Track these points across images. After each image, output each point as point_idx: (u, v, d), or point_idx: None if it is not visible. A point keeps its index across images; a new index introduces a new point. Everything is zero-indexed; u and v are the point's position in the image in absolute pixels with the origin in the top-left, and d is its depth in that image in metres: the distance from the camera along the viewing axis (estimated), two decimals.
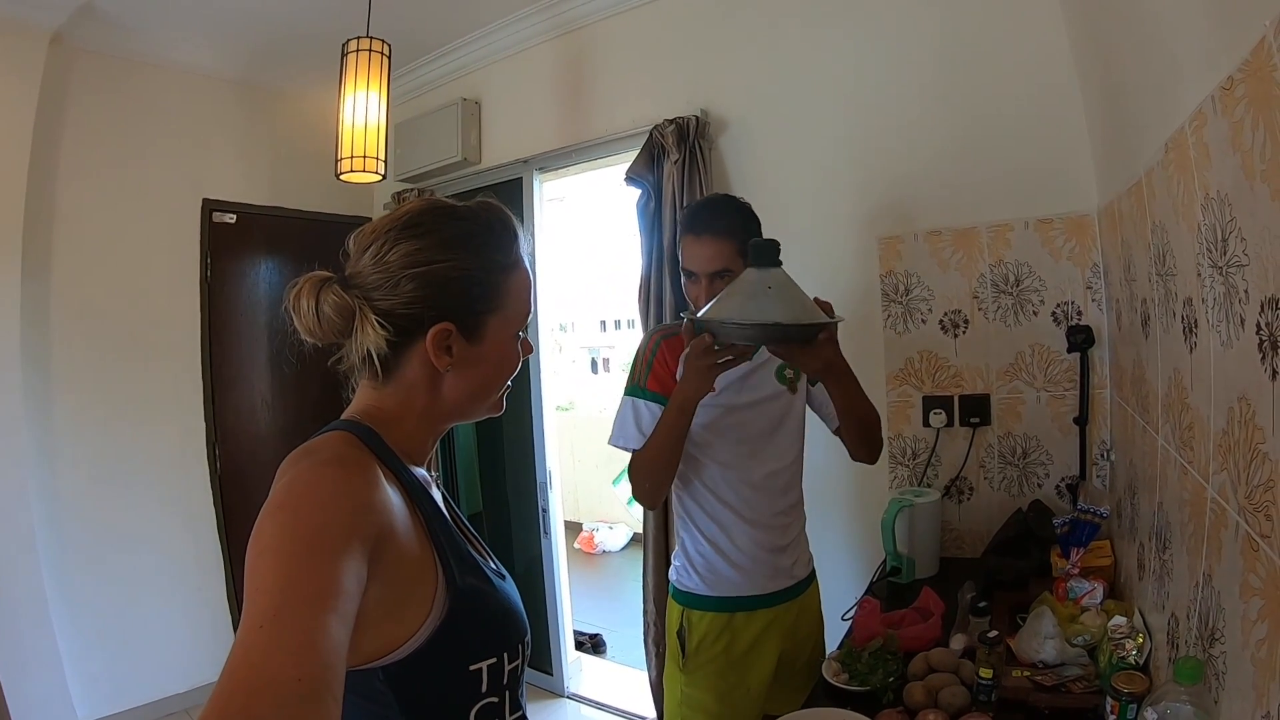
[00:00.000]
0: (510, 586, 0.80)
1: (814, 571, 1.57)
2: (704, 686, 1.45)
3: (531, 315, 0.81)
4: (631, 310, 2.47)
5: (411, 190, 3.20)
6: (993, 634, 1.17)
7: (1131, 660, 1.12)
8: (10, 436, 2.42)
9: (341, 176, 2.21)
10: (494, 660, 0.71)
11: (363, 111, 2.14)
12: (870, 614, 1.45)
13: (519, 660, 0.76)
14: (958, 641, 1.33)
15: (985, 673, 1.14)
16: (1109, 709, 1.05)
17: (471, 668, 0.70)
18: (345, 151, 2.16)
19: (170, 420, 2.90)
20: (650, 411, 1.38)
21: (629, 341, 9.03)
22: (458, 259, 0.72)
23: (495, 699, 0.72)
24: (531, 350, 0.83)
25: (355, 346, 0.71)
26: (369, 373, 0.74)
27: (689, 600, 1.47)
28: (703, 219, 1.38)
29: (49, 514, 2.54)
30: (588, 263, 7.67)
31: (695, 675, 1.46)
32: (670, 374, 1.40)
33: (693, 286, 1.39)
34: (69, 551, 2.58)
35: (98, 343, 2.72)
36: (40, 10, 2.39)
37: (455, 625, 0.68)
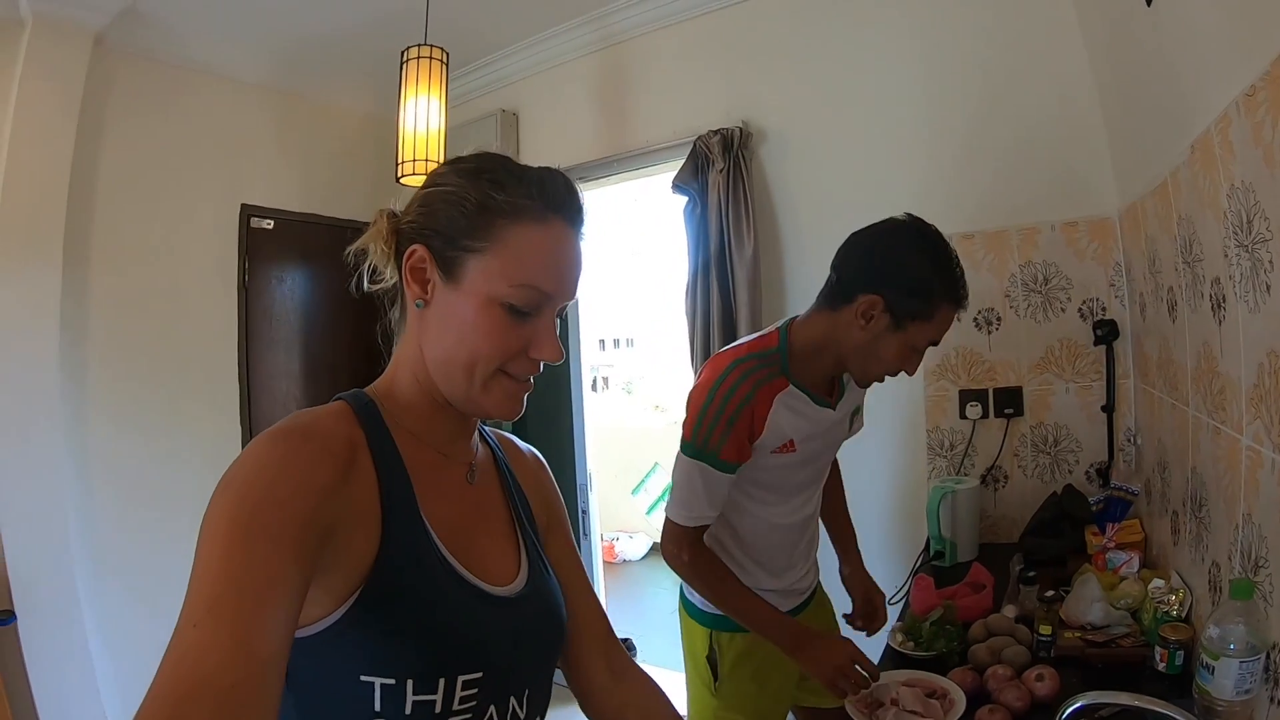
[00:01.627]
0: (504, 614, 0.70)
1: (819, 583, 1.54)
2: (739, 706, 1.39)
3: (547, 298, 0.68)
4: (630, 329, 2.54)
5: None
6: (1050, 593, 1.27)
7: (1175, 613, 1.22)
8: (48, 435, 2.36)
9: (402, 180, 2.25)
10: (392, 681, 0.60)
11: (423, 117, 2.18)
12: (926, 589, 1.56)
13: (437, 696, 0.63)
14: (1009, 610, 1.41)
15: (1045, 629, 1.23)
16: (1158, 658, 1.15)
17: (363, 678, 0.60)
18: (406, 155, 2.18)
19: (205, 424, 2.84)
20: (726, 481, 1.24)
21: (627, 361, 8.90)
22: (456, 185, 0.69)
23: None
24: (558, 354, 0.70)
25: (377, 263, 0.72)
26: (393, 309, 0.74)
27: (716, 622, 1.37)
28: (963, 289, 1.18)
29: (84, 515, 2.47)
30: (590, 281, 7.65)
31: (730, 699, 1.39)
32: (755, 431, 1.22)
33: (915, 357, 1.21)
34: (103, 554, 2.51)
35: (135, 345, 2.67)
36: (84, 10, 2.34)
37: (357, 623, 0.60)
